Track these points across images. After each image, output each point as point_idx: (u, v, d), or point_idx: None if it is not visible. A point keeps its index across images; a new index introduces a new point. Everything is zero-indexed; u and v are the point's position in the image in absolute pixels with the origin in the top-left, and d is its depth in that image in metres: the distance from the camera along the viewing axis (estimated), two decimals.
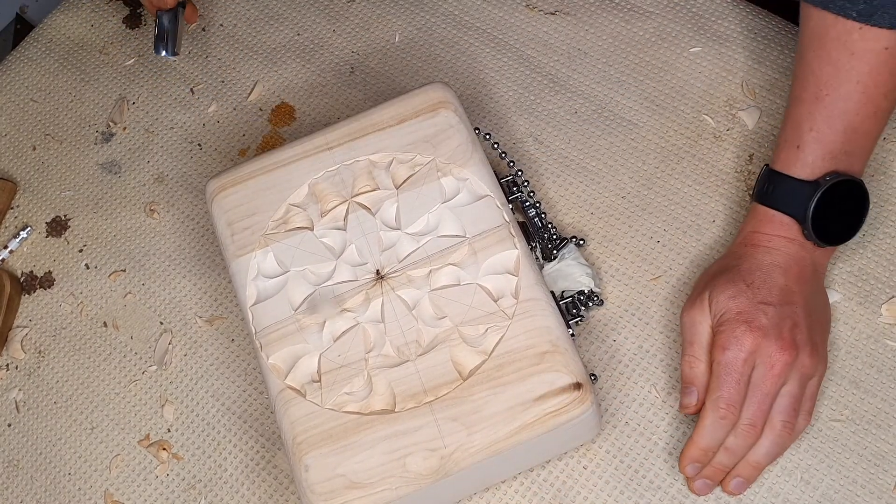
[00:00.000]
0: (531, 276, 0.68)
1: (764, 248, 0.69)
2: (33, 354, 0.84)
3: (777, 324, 0.65)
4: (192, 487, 0.76)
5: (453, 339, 0.67)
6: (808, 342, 0.66)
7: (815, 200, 0.67)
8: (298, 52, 0.92)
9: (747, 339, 0.65)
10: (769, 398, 0.65)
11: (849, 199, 0.69)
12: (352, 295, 0.70)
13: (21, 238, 0.88)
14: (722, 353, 0.66)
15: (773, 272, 0.68)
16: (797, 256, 0.69)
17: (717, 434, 0.66)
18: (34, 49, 0.98)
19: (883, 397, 0.70)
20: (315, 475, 0.65)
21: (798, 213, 0.68)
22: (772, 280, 0.67)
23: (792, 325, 0.66)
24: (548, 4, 0.89)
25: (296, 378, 0.68)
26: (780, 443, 0.66)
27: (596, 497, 0.70)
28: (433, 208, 0.71)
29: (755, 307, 0.66)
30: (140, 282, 0.84)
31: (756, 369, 0.65)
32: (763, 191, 0.70)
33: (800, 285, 0.68)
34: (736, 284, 0.67)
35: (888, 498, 0.67)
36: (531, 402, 0.64)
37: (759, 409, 0.65)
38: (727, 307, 0.67)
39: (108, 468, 0.78)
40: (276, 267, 0.72)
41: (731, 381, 0.65)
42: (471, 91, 0.86)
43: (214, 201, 0.75)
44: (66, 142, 0.92)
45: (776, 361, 0.65)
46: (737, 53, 0.83)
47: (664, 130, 0.81)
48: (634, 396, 0.73)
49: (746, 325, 0.65)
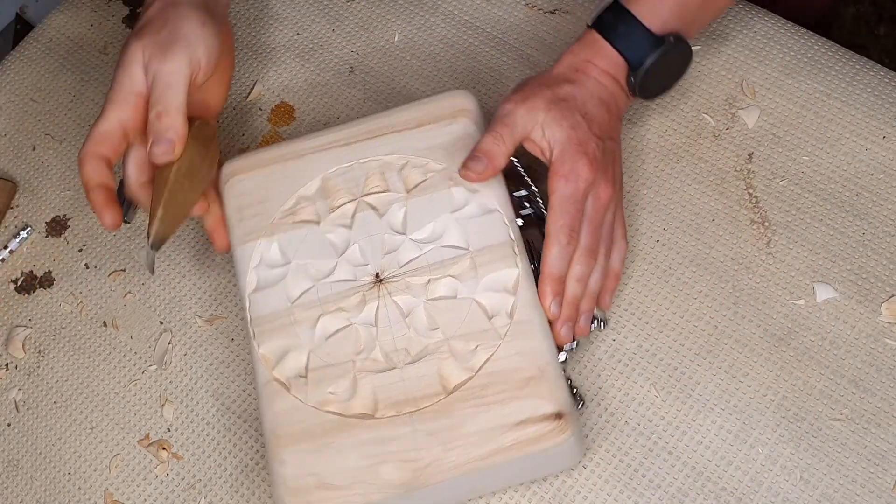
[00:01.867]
0: (528, 298, 0.68)
1: (594, 79, 0.71)
2: (33, 354, 0.84)
3: (604, 156, 0.70)
4: (191, 487, 0.76)
5: (442, 352, 0.67)
6: (620, 176, 0.73)
7: (657, 53, 0.70)
8: (298, 51, 0.92)
9: (586, 171, 0.68)
10: (599, 226, 0.70)
11: (674, 63, 0.73)
12: (349, 295, 0.70)
13: (21, 238, 0.88)
14: (565, 182, 0.68)
15: (601, 106, 0.71)
16: (615, 94, 0.72)
17: (565, 260, 0.69)
18: (34, 49, 0.98)
19: (883, 396, 0.70)
20: (290, 470, 0.65)
21: (634, 60, 0.71)
22: (600, 114, 0.71)
23: (613, 160, 0.71)
24: (547, 3, 0.89)
25: (283, 371, 0.68)
26: (610, 274, 0.73)
27: (596, 497, 0.70)
28: (440, 217, 0.71)
29: (591, 139, 0.69)
30: (140, 281, 0.85)
31: (589, 200, 0.69)
32: (607, 22, 0.72)
33: (613, 122, 0.72)
34: (573, 115, 0.69)
35: (888, 497, 0.67)
36: (511, 427, 0.64)
37: (594, 236, 0.70)
38: (568, 136, 0.68)
39: (107, 468, 0.78)
40: (279, 257, 0.72)
41: (573, 210, 0.68)
42: (471, 91, 0.86)
43: (227, 185, 0.75)
44: (66, 142, 0.93)
45: (603, 194, 0.69)
46: (736, 52, 0.83)
47: (663, 129, 0.81)
48: (634, 396, 0.73)
49: (587, 159, 0.68)
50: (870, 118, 0.78)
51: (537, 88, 0.71)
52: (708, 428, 0.71)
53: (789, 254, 0.75)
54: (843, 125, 0.79)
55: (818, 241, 0.75)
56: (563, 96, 0.70)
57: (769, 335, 0.73)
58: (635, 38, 0.71)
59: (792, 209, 0.76)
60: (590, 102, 0.70)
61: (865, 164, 0.77)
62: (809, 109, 0.80)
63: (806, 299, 0.74)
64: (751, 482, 0.69)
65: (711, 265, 0.76)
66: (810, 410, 0.70)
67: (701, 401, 0.72)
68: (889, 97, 0.79)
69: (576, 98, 0.70)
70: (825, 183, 0.77)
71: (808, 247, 0.75)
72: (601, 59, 0.72)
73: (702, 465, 0.70)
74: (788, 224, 0.76)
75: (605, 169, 0.69)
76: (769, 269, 0.75)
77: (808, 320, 0.73)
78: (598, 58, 0.72)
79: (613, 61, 0.71)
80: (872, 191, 0.76)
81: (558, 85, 0.71)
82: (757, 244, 0.76)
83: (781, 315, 0.73)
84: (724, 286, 0.75)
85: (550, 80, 0.72)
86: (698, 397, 0.72)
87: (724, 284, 0.75)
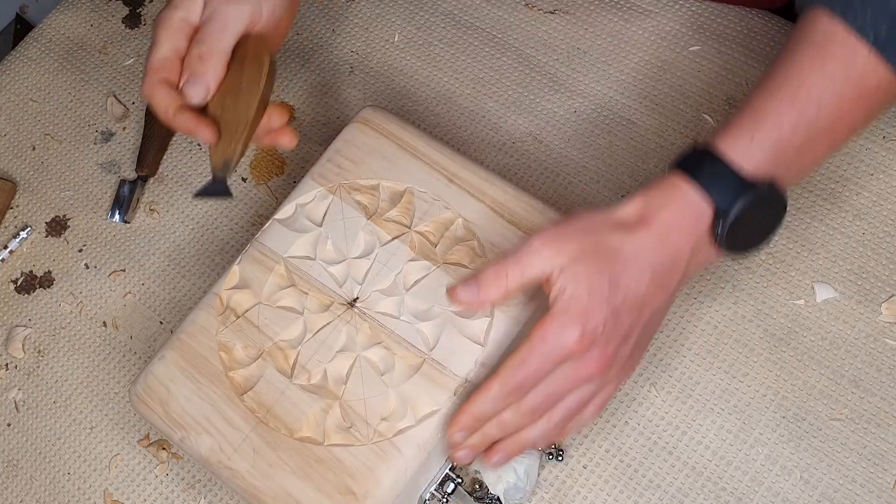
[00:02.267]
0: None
1: (655, 235, 0.61)
2: (33, 354, 0.84)
3: (607, 338, 0.60)
4: (191, 487, 0.76)
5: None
6: (626, 357, 0.63)
7: (748, 199, 0.61)
8: (298, 51, 0.92)
9: (572, 343, 0.59)
10: (562, 396, 0.62)
11: (767, 215, 0.64)
12: (326, 303, 0.69)
13: (21, 238, 0.88)
14: (541, 341, 0.59)
15: (645, 274, 0.61)
16: (678, 259, 0.62)
17: (496, 408, 0.62)
18: (34, 49, 0.98)
19: (882, 396, 0.70)
20: (160, 369, 0.69)
21: (722, 204, 0.61)
22: (637, 284, 0.61)
23: (621, 341, 0.61)
24: (547, 3, 0.89)
25: (234, 301, 0.71)
26: (550, 435, 0.64)
27: (595, 496, 0.70)
28: (432, 306, 0.68)
29: (601, 313, 0.60)
30: (140, 282, 0.85)
31: (562, 367, 0.60)
32: (692, 163, 0.62)
33: (657, 294, 0.62)
34: (600, 276, 0.60)
35: (888, 497, 0.67)
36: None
37: (547, 401, 0.62)
38: (578, 296, 0.59)
39: (107, 468, 0.78)
40: (318, 217, 0.72)
41: (532, 372, 0.60)
42: (470, 90, 0.86)
43: (352, 124, 0.75)
44: (66, 142, 0.93)
45: (584, 371, 0.61)
46: (737, 52, 0.83)
47: (664, 129, 0.81)
48: (634, 396, 0.73)
49: (580, 330, 0.59)
50: None
51: (581, 231, 0.62)
52: (708, 428, 0.71)
53: (789, 254, 0.75)
54: None
55: (818, 241, 0.75)
56: (606, 248, 0.61)
57: (769, 335, 0.73)
58: (723, 179, 0.61)
59: (792, 209, 0.76)
60: (631, 267, 0.60)
61: (865, 164, 0.77)
62: None
63: (806, 299, 0.74)
64: (751, 482, 0.69)
65: (711, 265, 0.76)
66: (810, 410, 0.70)
67: (701, 401, 0.72)
68: None
69: (619, 254, 0.60)
70: (825, 182, 0.77)
71: (808, 247, 0.75)
72: (677, 207, 0.61)
73: (702, 465, 0.70)
74: (788, 224, 0.76)
75: (604, 349, 0.60)
76: (769, 268, 0.75)
77: (807, 320, 0.73)
78: (673, 203, 0.61)
79: (693, 210, 0.61)
80: (873, 190, 0.76)
81: (610, 231, 0.61)
82: None
83: (781, 315, 0.73)
84: (724, 286, 0.75)
85: (603, 224, 0.62)
86: (698, 397, 0.72)
87: (723, 284, 0.75)
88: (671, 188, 0.62)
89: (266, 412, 0.67)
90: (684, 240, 0.62)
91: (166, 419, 0.68)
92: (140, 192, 0.88)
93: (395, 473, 0.64)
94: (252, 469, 0.65)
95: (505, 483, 0.69)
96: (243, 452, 0.66)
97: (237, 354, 0.69)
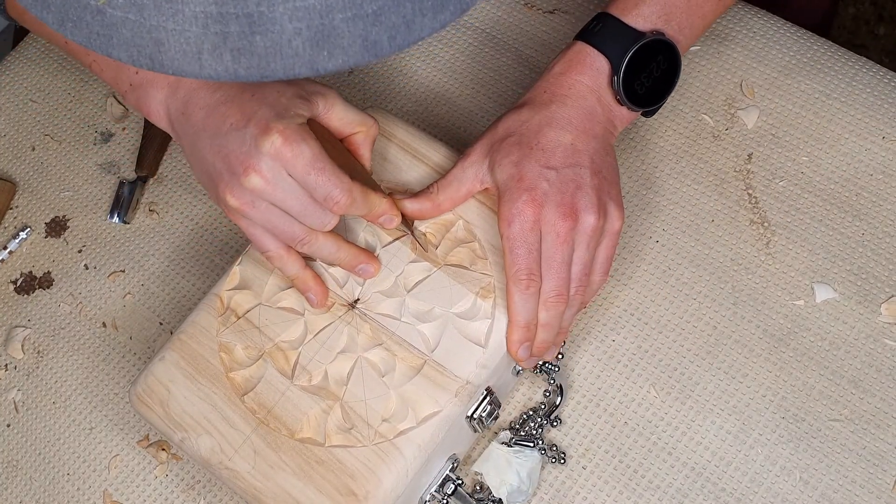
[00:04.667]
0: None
1: (562, 97, 0.68)
2: (32, 354, 0.84)
3: (559, 189, 0.65)
4: (191, 488, 0.76)
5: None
6: (592, 204, 0.65)
7: (637, 47, 0.67)
8: None
9: (529, 210, 0.64)
10: (565, 266, 0.65)
11: (663, 67, 0.70)
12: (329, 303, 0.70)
13: (20, 238, 0.88)
14: (508, 226, 0.65)
15: (564, 129, 0.67)
16: (591, 110, 0.68)
17: (529, 306, 0.65)
18: (34, 49, 0.98)
19: (882, 397, 0.70)
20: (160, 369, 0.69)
21: (614, 55, 0.67)
22: (559, 139, 0.66)
23: (574, 189, 0.65)
24: (547, 3, 0.89)
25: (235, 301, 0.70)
26: (577, 307, 0.68)
27: (595, 497, 0.70)
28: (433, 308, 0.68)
29: (538, 173, 0.65)
30: (139, 282, 0.85)
31: (544, 239, 0.65)
32: (588, 29, 0.70)
33: (587, 143, 0.67)
34: (521, 148, 0.66)
35: (887, 497, 0.67)
36: None
37: (559, 278, 0.65)
38: (510, 173, 0.66)
39: (106, 468, 0.78)
40: None
41: (523, 253, 0.64)
42: (469, 91, 0.86)
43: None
44: (66, 142, 0.92)
45: (560, 229, 0.64)
46: (736, 52, 0.83)
47: (663, 130, 0.81)
48: (633, 396, 0.73)
49: (528, 195, 0.64)
50: (869, 118, 0.78)
51: (492, 128, 0.69)
52: (707, 428, 0.71)
53: (789, 254, 0.75)
54: (843, 125, 0.79)
55: (817, 242, 0.75)
56: (521, 131, 0.67)
57: (768, 336, 0.73)
58: (615, 34, 0.68)
59: (791, 210, 0.76)
60: (547, 128, 0.67)
61: (865, 165, 0.77)
62: (809, 110, 0.80)
63: (805, 300, 0.74)
64: (750, 483, 0.69)
65: (711, 266, 0.76)
66: (810, 411, 0.70)
67: (700, 401, 0.72)
68: (888, 97, 0.79)
69: (530, 126, 0.67)
70: (824, 183, 0.77)
71: (808, 247, 0.75)
72: (576, 67, 0.68)
73: (701, 466, 0.70)
74: (788, 224, 0.76)
75: (560, 202, 0.64)
76: (768, 269, 0.75)
77: (807, 321, 0.73)
78: (572, 66, 0.69)
79: (591, 66, 0.68)
80: (872, 191, 0.76)
81: (518, 113, 0.68)
82: (756, 244, 0.76)
83: (781, 315, 0.73)
84: (724, 287, 0.75)
85: (515, 116, 0.68)
86: (698, 398, 0.72)
87: (723, 285, 0.75)
88: (570, 54, 0.69)
89: (267, 413, 0.67)
90: (588, 93, 0.68)
91: (166, 420, 0.68)
92: (140, 192, 0.88)
93: (396, 474, 0.64)
94: (252, 470, 0.65)
95: (508, 486, 0.69)
96: (244, 453, 0.66)
97: (238, 355, 0.69)
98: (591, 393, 0.73)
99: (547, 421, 0.72)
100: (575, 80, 0.68)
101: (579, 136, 0.67)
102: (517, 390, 0.74)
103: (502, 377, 0.69)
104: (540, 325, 0.66)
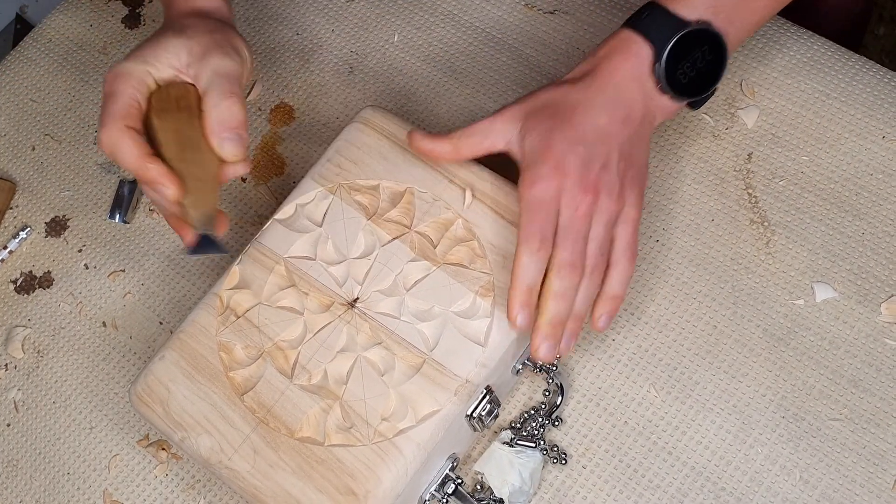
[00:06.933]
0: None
1: (602, 81, 0.68)
2: (32, 354, 0.84)
3: (585, 163, 0.65)
4: (191, 487, 0.76)
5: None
6: (614, 185, 0.66)
7: (681, 35, 0.67)
8: (297, 51, 0.92)
9: (553, 178, 0.64)
10: (581, 239, 0.65)
11: (709, 58, 0.69)
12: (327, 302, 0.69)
13: (20, 238, 0.88)
14: (529, 189, 0.65)
15: (600, 112, 0.67)
16: (630, 97, 0.67)
17: (535, 267, 0.65)
18: (34, 49, 0.98)
19: (882, 396, 0.70)
20: (160, 368, 0.70)
21: (658, 42, 0.67)
22: (594, 120, 0.66)
23: (600, 167, 0.65)
24: (547, 3, 0.89)
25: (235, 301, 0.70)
26: (593, 287, 0.67)
27: (595, 497, 0.70)
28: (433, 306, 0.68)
29: (567, 146, 0.65)
30: (139, 282, 0.85)
31: (562, 211, 0.65)
32: (636, 16, 0.69)
33: (621, 128, 0.67)
34: (555, 120, 0.66)
35: (887, 497, 0.67)
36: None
37: (574, 248, 0.65)
38: (540, 142, 0.66)
39: (106, 468, 0.78)
40: (318, 217, 0.72)
41: (539, 217, 0.64)
42: (469, 91, 0.86)
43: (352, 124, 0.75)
44: (66, 142, 0.93)
45: (579, 202, 0.64)
46: (736, 52, 0.83)
47: (662, 129, 0.81)
48: (633, 396, 0.73)
49: (554, 163, 0.65)
50: (869, 118, 0.78)
51: (534, 100, 0.69)
52: (707, 428, 0.71)
53: (788, 254, 0.75)
54: (843, 125, 0.79)
55: (817, 241, 0.75)
56: (557, 103, 0.67)
57: (769, 335, 0.73)
58: (660, 21, 0.67)
59: (791, 209, 0.76)
60: (581, 108, 0.67)
61: (865, 164, 0.77)
62: (809, 109, 0.80)
63: (805, 299, 0.74)
64: (750, 482, 0.69)
65: (711, 265, 0.76)
66: (809, 410, 0.70)
67: (700, 401, 0.72)
68: (889, 97, 0.79)
69: (569, 103, 0.67)
70: (824, 183, 0.77)
71: (808, 247, 0.75)
72: (620, 52, 0.68)
73: (701, 465, 0.70)
74: (788, 224, 0.76)
75: (584, 176, 0.65)
76: (768, 269, 0.75)
77: (807, 320, 0.73)
78: (616, 51, 0.68)
79: (635, 53, 0.67)
80: (872, 191, 0.76)
81: (561, 91, 0.68)
82: (756, 244, 0.76)
83: (781, 315, 0.73)
84: (724, 286, 0.75)
85: (554, 88, 0.69)
86: (697, 397, 0.72)
87: (723, 284, 0.75)
88: (615, 40, 0.69)
89: (266, 412, 0.67)
90: (629, 80, 0.67)
91: (166, 419, 0.68)
92: (140, 192, 0.88)
93: (396, 474, 0.64)
94: (252, 469, 0.65)
95: (510, 486, 0.69)
96: (243, 453, 0.66)
97: (237, 354, 0.69)
98: (591, 393, 0.73)
99: (548, 421, 0.72)
100: (618, 65, 0.68)
101: (614, 121, 0.67)
102: (517, 390, 0.74)
103: (502, 376, 0.69)
104: (553, 294, 0.65)
